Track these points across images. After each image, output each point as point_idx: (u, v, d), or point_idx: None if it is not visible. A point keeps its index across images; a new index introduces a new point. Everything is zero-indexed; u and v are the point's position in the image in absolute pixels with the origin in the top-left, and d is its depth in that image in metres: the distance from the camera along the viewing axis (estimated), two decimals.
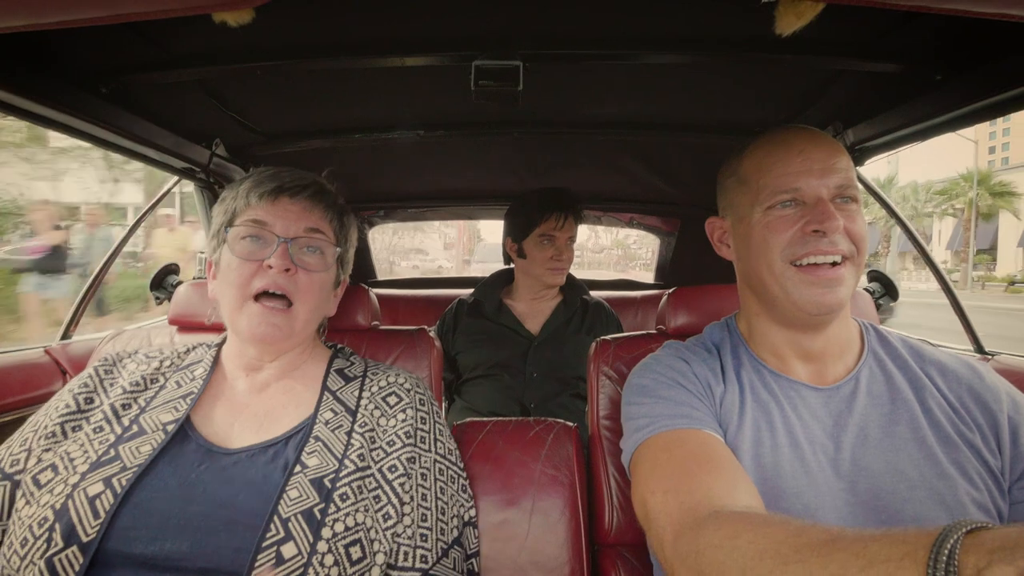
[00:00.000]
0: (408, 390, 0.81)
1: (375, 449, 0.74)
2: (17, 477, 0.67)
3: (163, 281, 1.79)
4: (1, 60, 0.78)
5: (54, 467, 0.66)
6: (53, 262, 5.57)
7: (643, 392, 0.75)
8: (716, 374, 0.76)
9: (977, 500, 0.63)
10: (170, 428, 0.70)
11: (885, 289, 1.64)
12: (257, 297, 0.73)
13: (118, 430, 0.70)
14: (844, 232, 0.69)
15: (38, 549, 0.59)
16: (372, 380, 0.82)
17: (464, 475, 0.83)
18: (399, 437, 0.76)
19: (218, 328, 0.82)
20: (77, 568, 0.58)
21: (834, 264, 0.69)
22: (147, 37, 0.87)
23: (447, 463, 0.79)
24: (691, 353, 0.80)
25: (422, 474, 0.74)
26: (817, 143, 0.72)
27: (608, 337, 1.04)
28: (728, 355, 0.78)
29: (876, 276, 1.69)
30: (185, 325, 1.42)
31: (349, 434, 0.73)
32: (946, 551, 0.33)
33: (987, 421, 0.67)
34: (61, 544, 0.59)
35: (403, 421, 0.77)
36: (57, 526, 0.60)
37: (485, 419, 0.97)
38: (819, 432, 0.69)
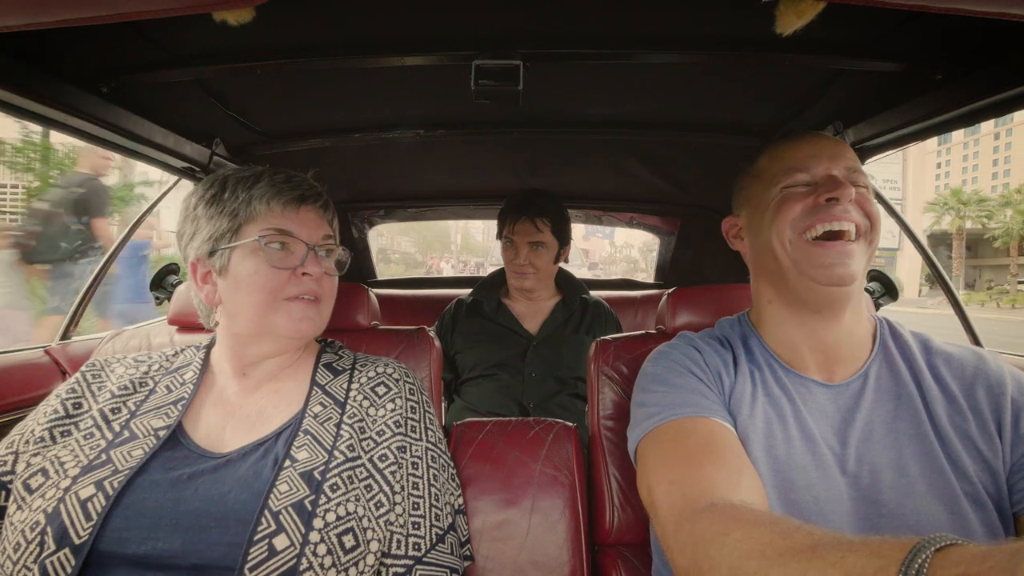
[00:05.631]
0: (397, 380, 0.82)
1: (365, 439, 0.74)
2: (3, 478, 0.68)
3: (163, 281, 1.79)
4: (2, 59, 0.78)
5: (44, 471, 0.66)
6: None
7: (656, 380, 0.77)
8: (727, 365, 0.77)
9: (969, 493, 0.64)
10: (162, 434, 0.70)
11: (885, 289, 1.64)
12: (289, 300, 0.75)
13: (109, 435, 0.71)
14: (856, 204, 0.70)
15: (31, 553, 0.59)
16: (360, 371, 0.83)
17: (452, 465, 0.84)
18: (389, 427, 0.76)
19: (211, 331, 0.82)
20: (69, 570, 0.58)
21: (847, 240, 0.70)
22: (147, 36, 0.87)
23: (438, 452, 0.80)
24: (704, 343, 0.81)
25: (413, 463, 0.75)
26: (826, 138, 0.76)
27: (608, 337, 1.04)
28: (740, 347, 0.79)
29: (876, 276, 1.69)
30: (185, 325, 1.43)
31: (338, 426, 0.74)
32: (915, 568, 0.35)
33: (990, 404, 0.68)
34: (53, 547, 0.59)
35: (392, 411, 0.78)
36: (49, 529, 0.60)
37: (484, 419, 0.97)
38: (827, 429, 0.70)
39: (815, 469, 0.67)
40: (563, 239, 1.60)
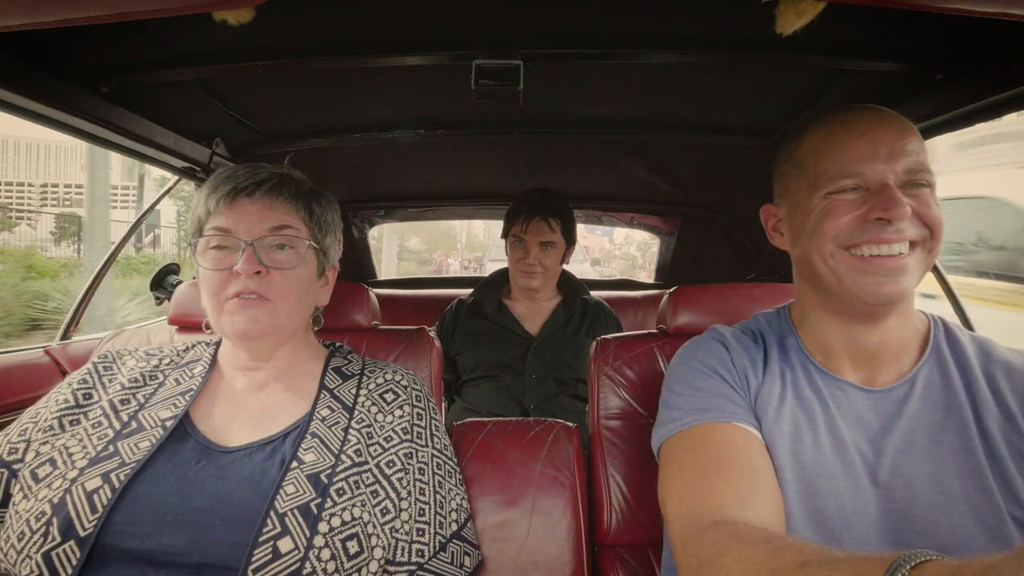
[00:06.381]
0: (405, 387, 0.82)
1: (372, 445, 0.74)
2: (15, 466, 0.68)
3: (163, 281, 1.79)
4: (2, 59, 0.78)
5: (52, 461, 0.67)
6: None
7: (681, 380, 0.74)
8: (756, 365, 0.73)
9: (1018, 518, 0.59)
10: (169, 424, 0.70)
11: None
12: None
13: (117, 426, 0.71)
14: (914, 216, 0.62)
15: (35, 543, 0.59)
16: (369, 378, 0.83)
17: (459, 470, 0.84)
18: (396, 433, 0.76)
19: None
20: (74, 563, 0.58)
21: (900, 256, 0.62)
22: (148, 36, 0.87)
23: (444, 458, 0.80)
24: (734, 340, 0.76)
25: (419, 469, 0.75)
26: (884, 123, 0.65)
27: (608, 337, 1.04)
28: (774, 346, 0.74)
29: None
30: (185, 325, 1.42)
31: (346, 430, 0.74)
32: None
33: None
34: (58, 539, 0.59)
35: (400, 417, 0.78)
36: (54, 520, 0.60)
37: (485, 419, 0.97)
38: (861, 436, 0.66)
39: (843, 478, 0.63)
40: (570, 239, 1.61)
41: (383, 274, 2.63)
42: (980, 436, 0.63)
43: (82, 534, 0.59)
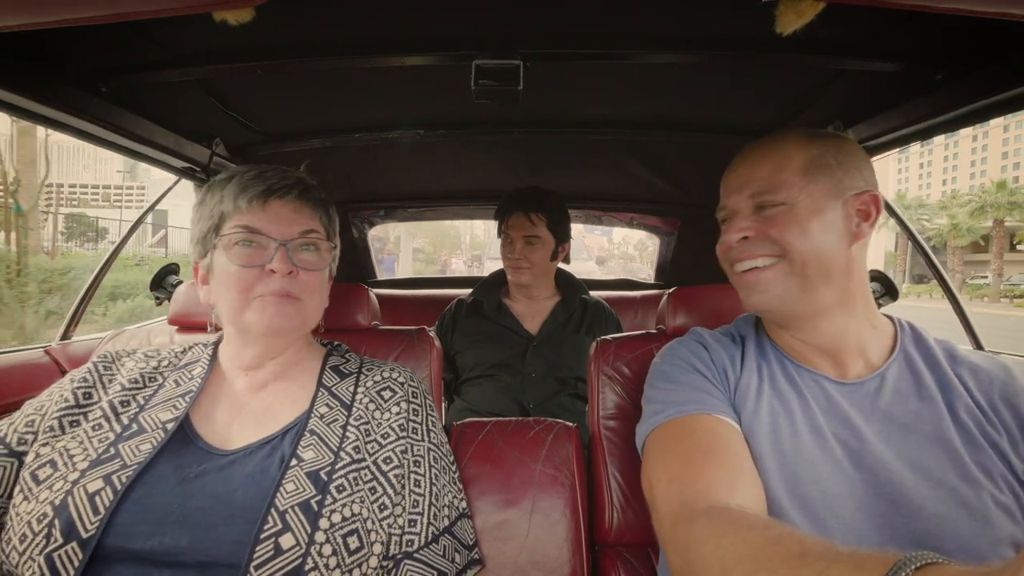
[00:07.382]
0: (402, 384, 0.83)
1: (370, 442, 0.75)
2: (24, 457, 0.68)
3: (163, 281, 1.79)
4: (2, 59, 0.78)
5: (53, 463, 0.67)
6: None
7: (663, 377, 0.78)
8: (734, 361, 0.78)
9: (1002, 503, 0.62)
10: (169, 427, 0.71)
11: (885, 289, 1.64)
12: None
13: (117, 428, 0.71)
14: (762, 236, 0.71)
15: (37, 545, 0.59)
16: (367, 375, 0.83)
17: (455, 468, 0.84)
18: (393, 430, 0.77)
19: (219, 330, 0.82)
20: (76, 564, 0.58)
21: (761, 270, 0.72)
22: (147, 36, 0.87)
23: (440, 453, 0.81)
24: (713, 340, 0.81)
25: (415, 461, 0.76)
26: (745, 156, 0.76)
27: (608, 337, 1.04)
28: (752, 344, 0.80)
29: (876, 276, 1.69)
30: (185, 325, 1.42)
31: (344, 427, 0.75)
32: None
33: (1016, 422, 0.66)
34: (60, 540, 0.59)
35: (397, 414, 0.78)
36: (57, 522, 0.60)
37: (485, 419, 0.97)
38: (838, 424, 0.69)
39: (824, 463, 0.66)
40: (560, 236, 1.60)
41: (400, 273, 2.64)
42: (956, 428, 0.67)
43: (84, 535, 0.59)
